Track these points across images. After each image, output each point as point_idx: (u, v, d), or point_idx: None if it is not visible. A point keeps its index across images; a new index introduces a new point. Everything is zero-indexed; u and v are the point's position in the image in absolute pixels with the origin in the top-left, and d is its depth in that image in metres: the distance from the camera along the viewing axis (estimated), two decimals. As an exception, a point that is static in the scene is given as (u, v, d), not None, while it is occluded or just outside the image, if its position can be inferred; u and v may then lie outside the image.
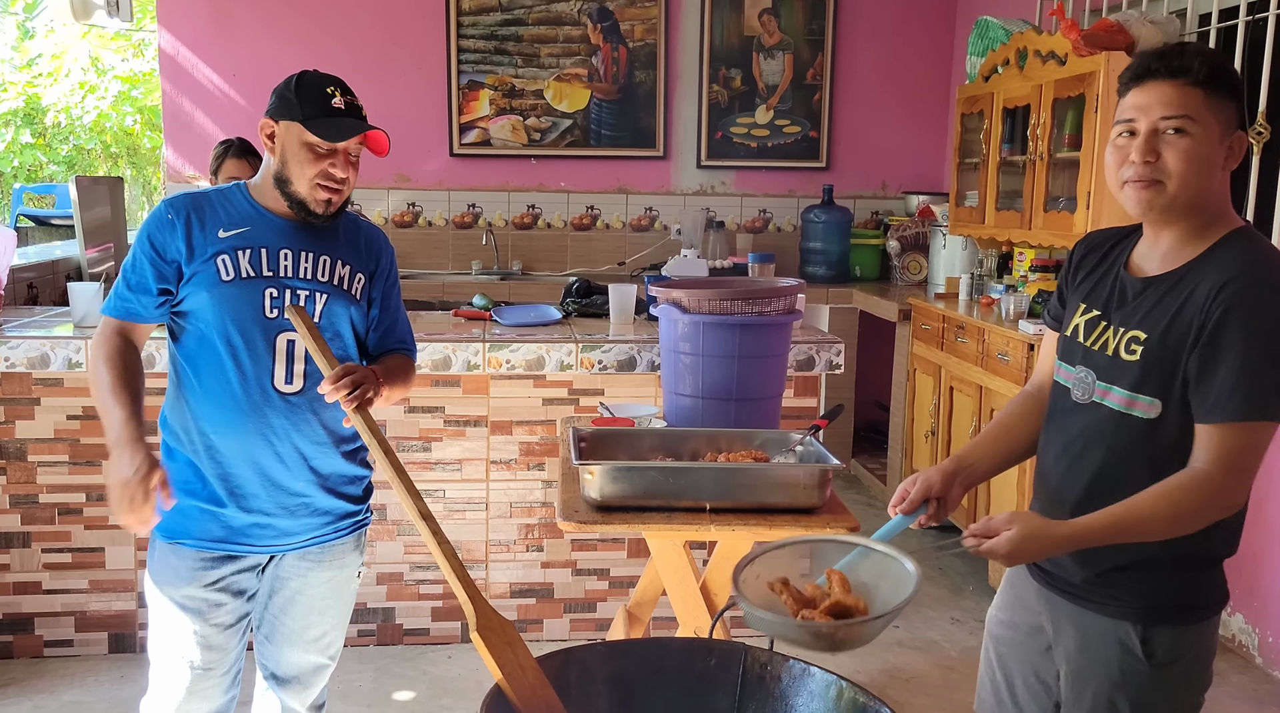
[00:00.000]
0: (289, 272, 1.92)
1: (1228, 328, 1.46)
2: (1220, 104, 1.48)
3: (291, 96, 1.88)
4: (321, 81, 1.90)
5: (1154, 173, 1.50)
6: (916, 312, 4.51)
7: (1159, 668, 1.57)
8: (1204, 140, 1.48)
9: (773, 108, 5.53)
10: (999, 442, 1.80)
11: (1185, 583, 1.58)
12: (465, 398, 3.20)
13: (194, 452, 1.91)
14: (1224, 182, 1.54)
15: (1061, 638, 1.67)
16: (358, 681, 3.04)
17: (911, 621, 3.53)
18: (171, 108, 5.26)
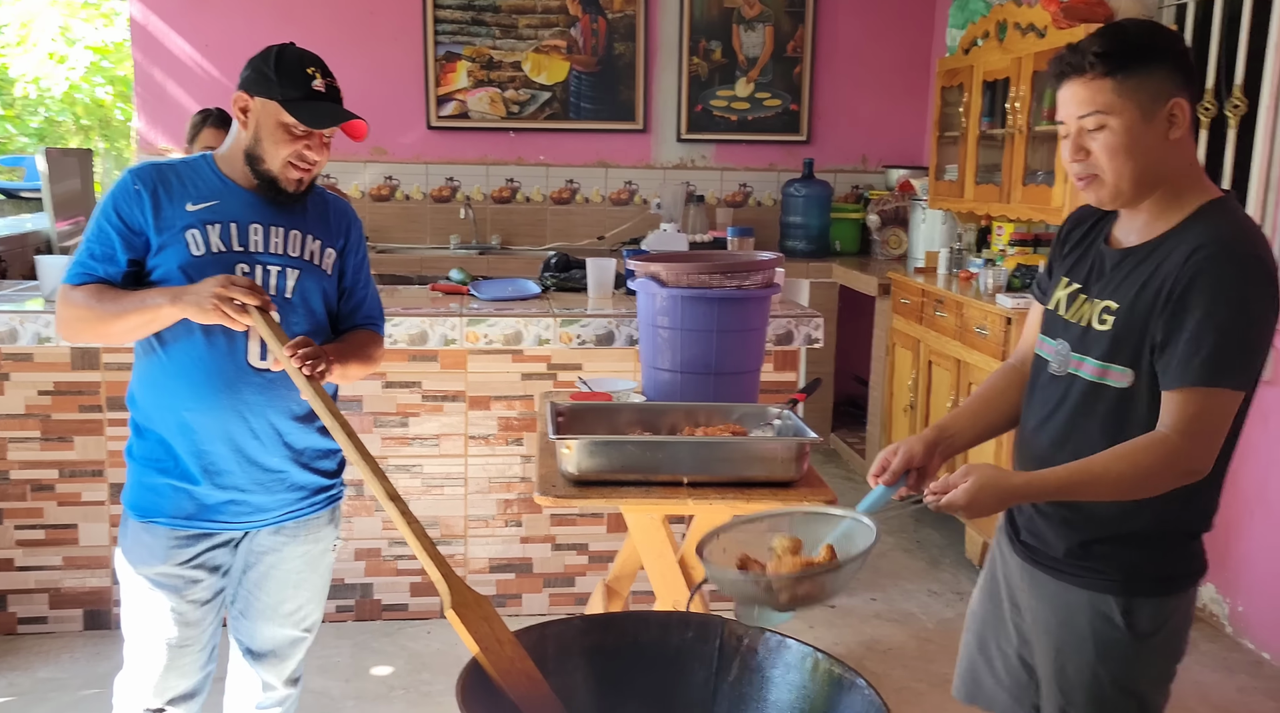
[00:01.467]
0: (259, 247, 1.89)
1: (1192, 295, 1.46)
2: (1134, 84, 1.46)
3: (271, 74, 1.83)
4: (302, 60, 1.86)
5: (1087, 169, 1.52)
6: (896, 286, 4.51)
7: (1140, 639, 1.58)
8: (1124, 128, 1.47)
9: (753, 81, 5.49)
10: (980, 413, 1.81)
11: (1165, 554, 1.59)
12: (443, 373, 3.19)
13: (166, 429, 1.89)
14: (1181, 150, 1.51)
15: (1042, 613, 1.68)
16: (336, 656, 3.04)
17: (889, 593, 3.55)
18: (143, 79, 5.17)
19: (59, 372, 3.01)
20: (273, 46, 1.87)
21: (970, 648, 1.88)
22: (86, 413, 3.04)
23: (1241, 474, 3.21)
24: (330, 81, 1.88)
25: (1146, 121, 1.47)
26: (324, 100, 1.86)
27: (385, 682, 2.92)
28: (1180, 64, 1.49)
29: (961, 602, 3.48)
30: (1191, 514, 1.59)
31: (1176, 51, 1.50)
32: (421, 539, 1.62)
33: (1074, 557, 1.62)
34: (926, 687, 2.93)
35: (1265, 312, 1.49)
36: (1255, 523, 3.16)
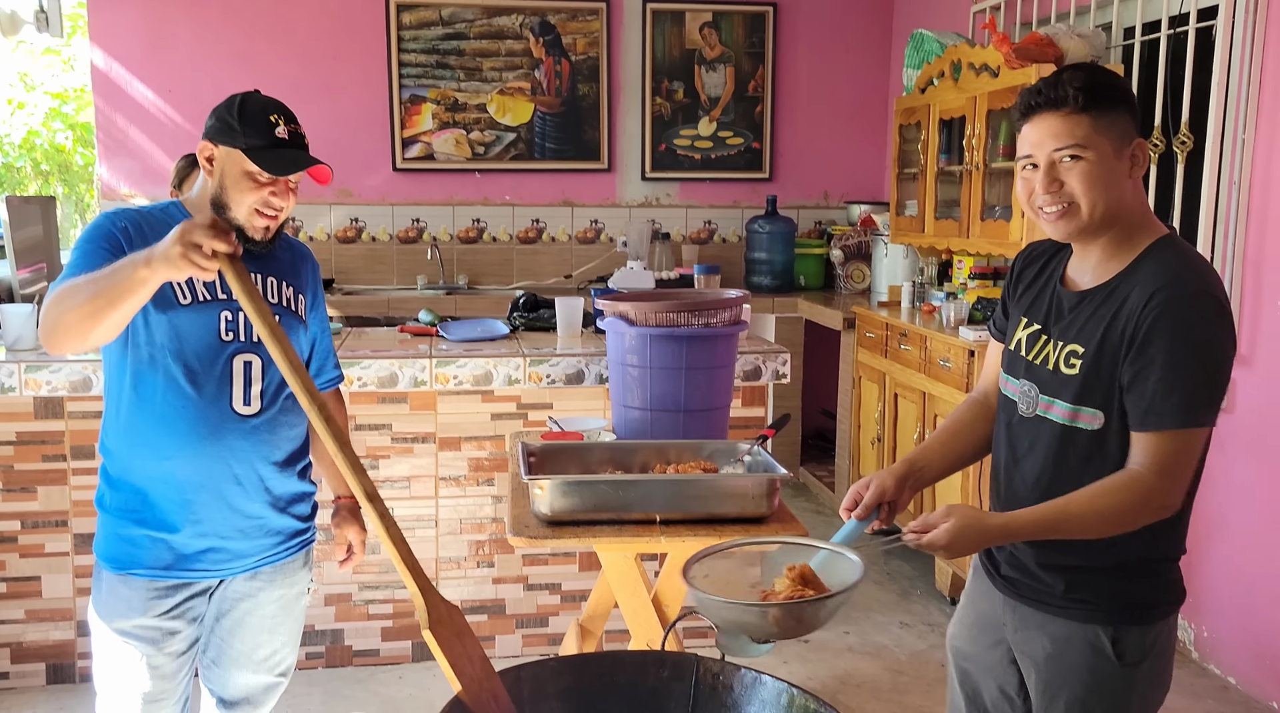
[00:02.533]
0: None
1: (1155, 337, 1.50)
2: (1108, 122, 1.52)
3: (234, 122, 1.84)
4: (265, 108, 1.86)
5: (1061, 199, 1.55)
6: (860, 320, 4.57)
7: (1130, 668, 1.60)
8: (1100, 160, 1.52)
9: (715, 120, 5.58)
10: (948, 446, 1.84)
11: (1150, 583, 1.62)
12: (413, 415, 3.18)
13: (143, 478, 1.86)
14: (1136, 190, 1.58)
15: (1030, 648, 1.69)
16: (306, 704, 3.00)
17: (861, 626, 3.57)
18: (105, 124, 5.15)
19: (22, 421, 2.97)
20: (237, 95, 1.88)
21: (955, 683, 1.89)
22: (50, 463, 3.00)
23: (1202, 501, 3.25)
24: (294, 128, 1.88)
25: (1117, 157, 1.54)
26: (287, 147, 1.86)
27: (358, 729, 2.89)
28: (1134, 109, 1.57)
29: (934, 633, 3.51)
30: (1171, 543, 1.63)
31: (1132, 98, 1.58)
32: (400, 547, 1.59)
33: (1060, 589, 1.64)
34: (901, 719, 2.94)
35: (1225, 347, 1.54)
36: (1216, 549, 3.22)
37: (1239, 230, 3.09)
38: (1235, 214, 3.09)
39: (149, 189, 5.15)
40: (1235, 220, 3.09)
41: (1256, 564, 3.08)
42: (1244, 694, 3.10)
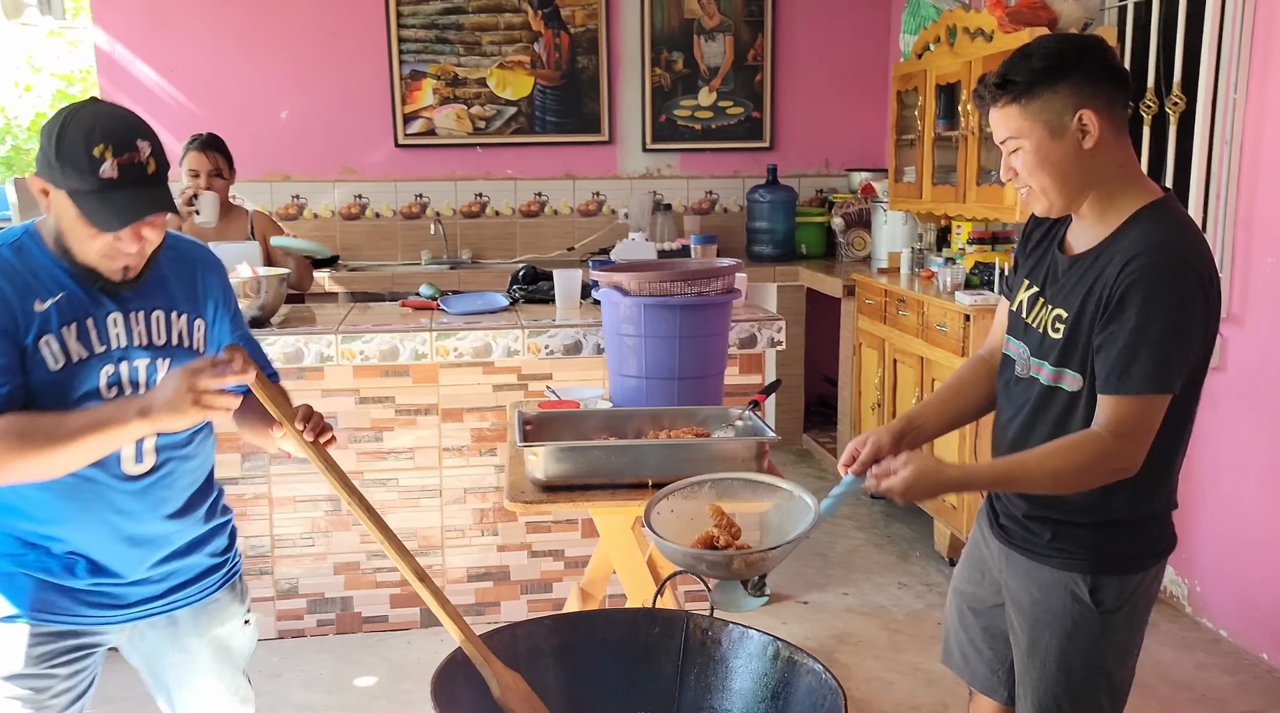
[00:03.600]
0: (121, 341, 1.61)
1: (1126, 305, 1.54)
2: (1039, 105, 1.56)
3: (53, 158, 1.49)
4: (88, 138, 1.48)
5: (1022, 185, 1.64)
6: (860, 287, 4.61)
7: (1106, 615, 1.67)
8: (1037, 146, 1.57)
9: (715, 90, 5.58)
10: (948, 404, 1.89)
11: (1131, 536, 1.68)
12: (415, 387, 3.24)
13: (27, 536, 1.64)
14: (1103, 155, 1.58)
15: (1018, 592, 1.77)
16: (318, 669, 3.09)
17: (861, 587, 3.63)
18: (110, 105, 5.20)
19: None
20: (62, 112, 1.52)
21: (953, 620, 1.98)
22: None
23: (1194, 459, 3.31)
24: (129, 157, 1.50)
25: (1056, 138, 1.56)
26: (120, 188, 1.49)
27: (368, 692, 2.97)
28: (1088, 74, 1.55)
29: (931, 593, 3.57)
30: (1156, 501, 1.68)
31: (1084, 64, 1.56)
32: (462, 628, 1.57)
33: (1046, 539, 1.71)
34: (897, 676, 3.01)
35: (1195, 314, 1.55)
36: (1208, 505, 3.27)
37: (1230, 190, 3.11)
38: (1227, 174, 3.11)
39: (154, 169, 5.21)
40: (1227, 180, 3.11)
41: (1248, 520, 3.13)
42: (1234, 647, 3.16)
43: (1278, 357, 3.00)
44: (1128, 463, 1.56)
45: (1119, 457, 1.55)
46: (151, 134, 1.58)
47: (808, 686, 1.71)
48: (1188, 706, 2.83)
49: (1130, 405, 1.54)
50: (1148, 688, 2.90)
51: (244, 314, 3.01)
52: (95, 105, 1.56)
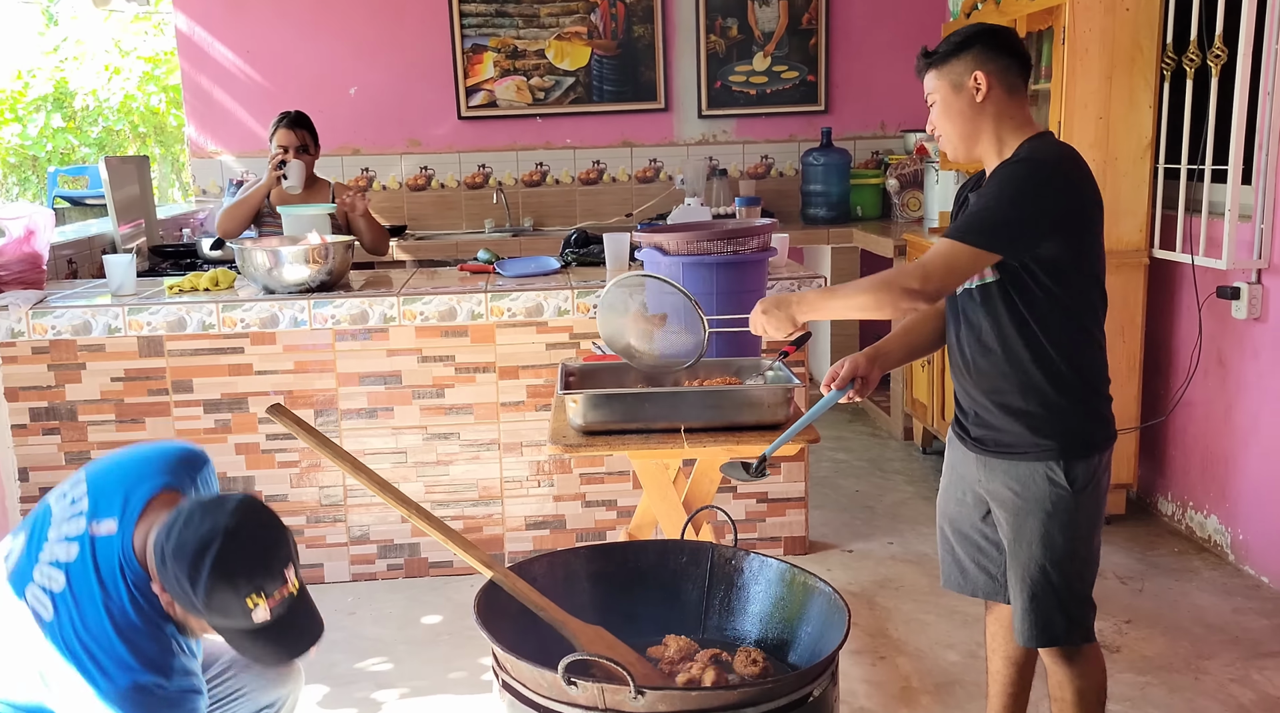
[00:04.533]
0: None
1: (983, 189, 1.93)
2: (945, 70, 1.97)
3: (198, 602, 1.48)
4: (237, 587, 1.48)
5: (936, 135, 2.03)
6: (911, 246, 4.66)
7: (1080, 493, 1.95)
8: (943, 99, 1.99)
9: (770, 54, 5.65)
10: (909, 334, 2.23)
11: (1081, 422, 1.96)
12: (473, 346, 3.44)
13: None
14: (998, 108, 1.93)
15: (999, 491, 2.01)
16: (389, 608, 3.32)
17: (905, 536, 3.74)
18: (191, 86, 5.50)
19: (129, 360, 3.32)
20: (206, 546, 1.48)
21: (944, 546, 2.24)
22: (155, 396, 3.35)
23: (1236, 409, 3.34)
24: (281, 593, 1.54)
25: (956, 93, 1.97)
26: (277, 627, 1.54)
27: (434, 629, 3.20)
28: (986, 48, 1.94)
29: (974, 543, 3.66)
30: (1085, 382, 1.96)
31: (984, 41, 1.95)
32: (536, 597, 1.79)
33: (1019, 437, 1.97)
34: (934, 617, 3.12)
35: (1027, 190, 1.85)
36: (1251, 455, 3.29)
37: (1272, 141, 3.11)
38: (1269, 125, 3.11)
39: (235, 147, 5.50)
40: (1268, 132, 3.11)
41: (1289, 470, 3.16)
42: (1274, 592, 3.20)
43: (1318, 306, 3.02)
44: (915, 283, 1.86)
45: (909, 275, 1.87)
46: (292, 546, 1.59)
47: (819, 606, 1.87)
48: (1220, 646, 2.90)
49: (939, 244, 1.88)
50: (1181, 630, 2.97)
51: (314, 278, 3.25)
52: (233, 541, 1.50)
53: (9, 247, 3.25)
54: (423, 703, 2.78)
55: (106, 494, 1.61)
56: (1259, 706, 2.62)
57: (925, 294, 1.86)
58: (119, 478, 1.65)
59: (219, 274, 3.40)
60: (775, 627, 1.95)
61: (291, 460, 3.44)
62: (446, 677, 2.90)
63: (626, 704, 1.54)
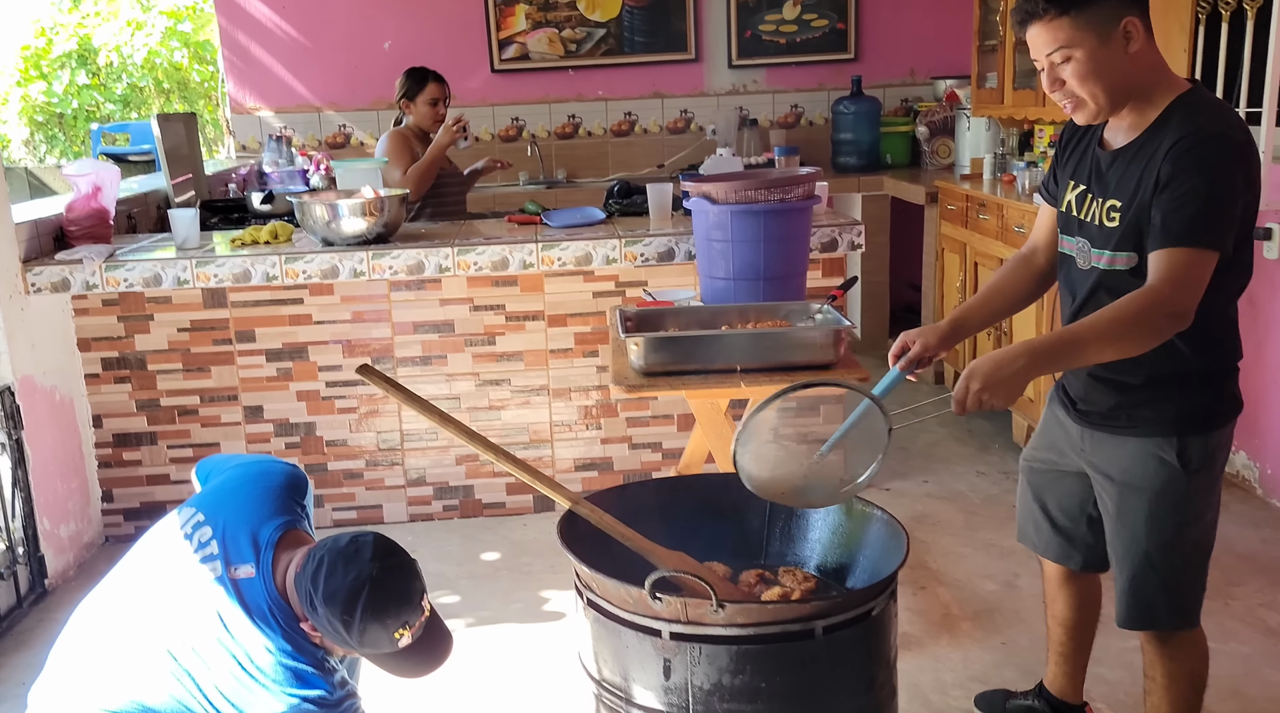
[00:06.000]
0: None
1: (1174, 176, 1.70)
2: (1087, 16, 1.70)
3: (351, 639, 1.67)
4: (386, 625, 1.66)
5: (1067, 96, 1.77)
6: (943, 193, 4.73)
7: (1193, 474, 1.83)
8: (1088, 55, 1.71)
9: (799, 3, 5.67)
10: (990, 301, 2.09)
11: (1205, 396, 1.82)
12: (523, 295, 3.56)
13: None
14: (1144, 59, 1.74)
15: (1105, 466, 1.91)
16: (447, 546, 3.48)
17: (940, 475, 3.87)
18: (229, 42, 5.57)
19: (194, 311, 3.46)
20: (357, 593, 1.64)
21: (1027, 500, 2.17)
22: (219, 346, 3.49)
23: (1266, 350, 3.43)
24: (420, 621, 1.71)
25: (1105, 45, 1.71)
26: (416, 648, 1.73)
27: (492, 565, 3.36)
28: None
29: (1007, 480, 3.79)
30: (1222, 358, 1.83)
31: None
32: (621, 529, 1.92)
33: (1128, 410, 1.85)
34: (971, 550, 3.26)
35: (1234, 181, 1.70)
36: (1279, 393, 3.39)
37: (1306, 85, 3.16)
38: (1303, 69, 3.16)
39: (275, 102, 5.59)
40: (1303, 75, 3.16)
41: (1317, 407, 3.25)
42: (1300, 526, 3.32)
43: (1350, 247, 3.09)
44: (1179, 307, 1.68)
45: (1170, 301, 1.67)
46: (422, 577, 1.75)
47: (876, 531, 2.00)
48: (1248, 574, 3.02)
49: (1178, 255, 1.68)
50: (1212, 559, 3.09)
51: (371, 231, 3.36)
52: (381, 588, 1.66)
53: (78, 202, 3.37)
54: (489, 630, 2.94)
55: (234, 539, 1.77)
56: (1286, 628, 2.75)
57: (1189, 311, 1.69)
58: (241, 519, 1.80)
59: (278, 227, 3.52)
60: (835, 553, 2.08)
61: (350, 407, 3.59)
62: (508, 608, 3.06)
63: (708, 617, 1.68)
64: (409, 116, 4.21)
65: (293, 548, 1.78)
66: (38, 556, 3.18)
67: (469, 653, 2.83)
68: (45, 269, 3.25)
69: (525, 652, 2.82)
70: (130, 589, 1.80)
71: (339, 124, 5.67)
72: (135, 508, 3.60)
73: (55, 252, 3.41)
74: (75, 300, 3.42)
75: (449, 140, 3.99)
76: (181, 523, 1.83)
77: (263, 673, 1.66)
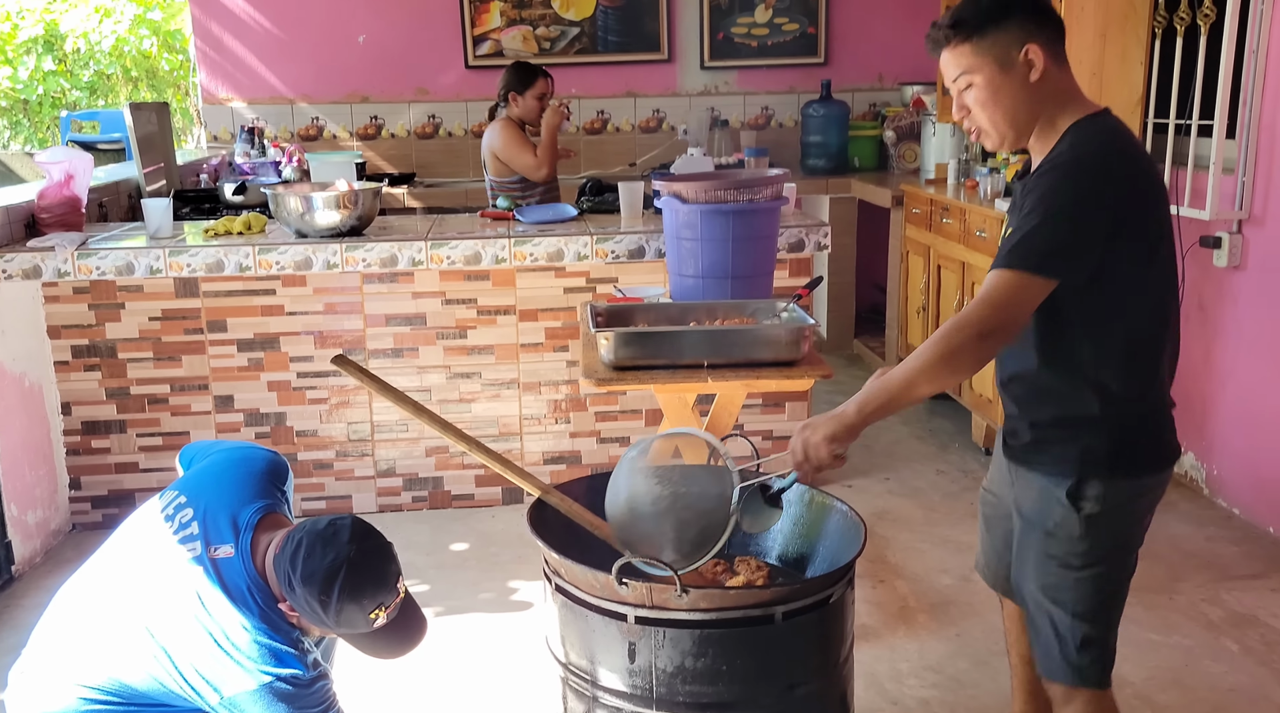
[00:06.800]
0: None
1: (1025, 202, 1.65)
2: (988, 43, 1.65)
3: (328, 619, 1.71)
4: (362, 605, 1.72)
5: (972, 123, 1.73)
6: (908, 197, 4.83)
7: (1088, 519, 1.70)
8: (988, 82, 1.67)
9: (771, 6, 5.75)
10: None
11: (1111, 438, 1.69)
12: (495, 290, 3.60)
13: None
14: (1047, 85, 1.66)
15: (1019, 500, 1.83)
16: (417, 537, 3.52)
17: (901, 473, 3.96)
18: (202, 32, 5.56)
19: (165, 300, 3.47)
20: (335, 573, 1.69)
21: (981, 532, 2.10)
22: (190, 335, 3.51)
23: (1214, 352, 3.55)
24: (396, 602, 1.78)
25: (1005, 72, 1.66)
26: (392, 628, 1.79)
27: (461, 555, 3.41)
28: (1031, 12, 1.67)
29: (966, 478, 3.88)
30: (1134, 404, 1.69)
31: (1013, 8, 1.67)
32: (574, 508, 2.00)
33: (1035, 445, 1.77)
34: (929, 545, 3.35)
35: (1080, 206, 1.60)
36: (1228, 395, 3.51)
37: (1255, 98, 3.28)
38: (1252, 83, 3.28)
39: (247, 93, 5.58)
40: (1252, 88, 3.28)
41: (1262, 406, 3.38)
42: (1245, 522, 3.44)
43: (1295, 256, 3.21)
44: (986, 326, 1.60)
45: (977, 321, 1.60)
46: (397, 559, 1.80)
47: (836, 522, 2.07)
48: (1192, 570, 3.14)
49: (997, 276, 1.61)
50: (1157, 556, 3.20)
51: (344, 223, 3.40)
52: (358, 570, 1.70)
53: (50, 190, 3.38)
54: (458, 619, 2.99)
55: (214, 520, 1.81)
56: (1226, 621, 2.86)
57: (1002, 332, 1.61)
58: (222, 502, 1.84)
59: (251, 218, 3.54)
60: (796, 543, 2.15)
61: (321, 397, 3.62)
62: (477, 597, 3.11)
63: (672, 602, 1.74)
64: (512, 108, 4.41)
65: (272, 530, 1.82)
66: (4, 542, 3.18)
67: (438, 641, 2.87)
68: (16, 256, 3.26)
69: (493, 639, 2.87)
70: (111, 570, 1.83)
71: (312, 116, 5.68)
72: (103, 496, 3.60)
73: (26, 238, 3.41)
74: (46, 287, 3.42)
75: (558, 121, 4.25)
76: (163, 505, 1.86)
77: (239, 650, 1.70)
